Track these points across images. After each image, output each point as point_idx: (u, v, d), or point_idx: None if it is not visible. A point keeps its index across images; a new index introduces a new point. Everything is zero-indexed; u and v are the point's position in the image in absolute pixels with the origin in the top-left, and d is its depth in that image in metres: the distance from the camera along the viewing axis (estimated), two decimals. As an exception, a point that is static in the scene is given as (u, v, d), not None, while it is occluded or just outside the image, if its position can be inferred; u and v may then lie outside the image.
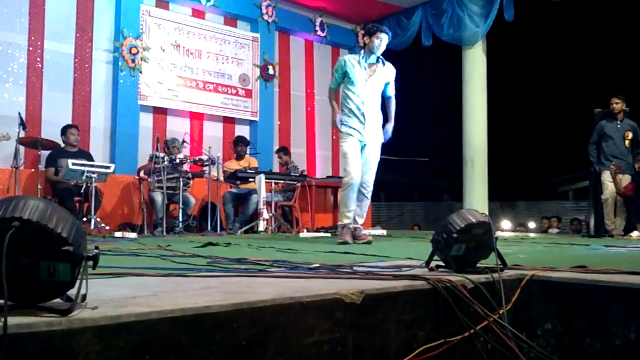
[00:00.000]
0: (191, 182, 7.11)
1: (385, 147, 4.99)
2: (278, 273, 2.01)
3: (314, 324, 1.44)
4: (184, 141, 7.08)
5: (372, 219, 10.16)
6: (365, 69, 4.74)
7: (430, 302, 1.75)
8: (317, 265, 2.28)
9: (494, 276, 1.96)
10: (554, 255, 3.25)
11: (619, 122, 7.03)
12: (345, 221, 4.68)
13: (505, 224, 9.85)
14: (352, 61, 4.77)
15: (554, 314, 1.97)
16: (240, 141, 8.09)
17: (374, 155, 4.80)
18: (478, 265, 2.18)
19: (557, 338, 1.94)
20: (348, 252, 3.27)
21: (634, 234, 6.39)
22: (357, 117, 4.69)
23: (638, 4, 10.01)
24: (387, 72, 4.88)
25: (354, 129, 4.69)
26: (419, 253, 2.99)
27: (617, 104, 7.02)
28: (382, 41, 4.72)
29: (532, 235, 7.77)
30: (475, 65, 9.02)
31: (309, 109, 10.01)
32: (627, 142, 6.97)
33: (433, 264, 2.17)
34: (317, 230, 7.66)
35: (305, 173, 8.63)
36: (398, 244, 4.73)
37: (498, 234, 7.70)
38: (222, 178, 7.35)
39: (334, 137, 10.37)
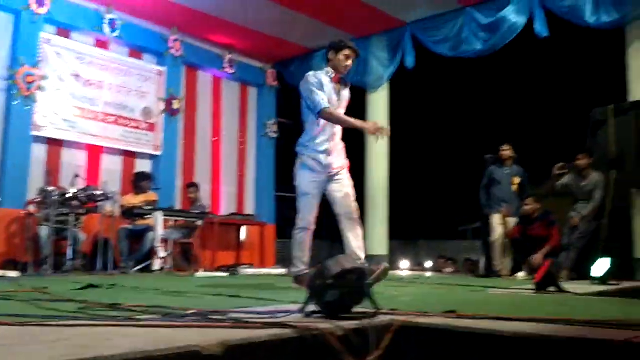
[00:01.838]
0: (83, 217, 6.81)
1: (290, 186, 4.58)
2: (146, 322, 1.94)
3: (168, 378, 1.39)
4: (77, 175, 6.78)
5: (276, 257, 10.11)
6: (333, 89, 4.13)
7: (297, 351, 1.74)
8: (193, 311, 2.23)
9: (364, 323, 1.99)
10: (435, 298, 3.37)
11: (507, 168, 7.43)
12: (301, 267, 4.17)
13: (404, 263, 10.12)
14: (323, 78, 4.11)
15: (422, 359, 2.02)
16: (145, 178, 7.87)
17: (346, 182, 4.19)
18: (355, 310, 2.21)
19: (425, 384, 1.99)
20: (235, 296, 3.22)
21: (520, 274, 6.74)
22: (322, 145, 4.09)
23: (526, 62, 10.84)
24: (348, 96, 4.28)
25: (319, 156, 4.09)
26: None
27: (505, 151, 7.42)
28: (349, 59, 4.11)
29: (427, 274, 8.01)
30: (379, 109, 9.32)
31: (214, 144, 9.92)
32: (514, 187, 7.36)
33: (310, 309, 2.18)
34: (218, 269, 7.53)
35: (208, 210, 8.49)
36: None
37: (396, 273, 7.92)
38: (117, 213, 7.09)
39: (240, 173, 10.31)
